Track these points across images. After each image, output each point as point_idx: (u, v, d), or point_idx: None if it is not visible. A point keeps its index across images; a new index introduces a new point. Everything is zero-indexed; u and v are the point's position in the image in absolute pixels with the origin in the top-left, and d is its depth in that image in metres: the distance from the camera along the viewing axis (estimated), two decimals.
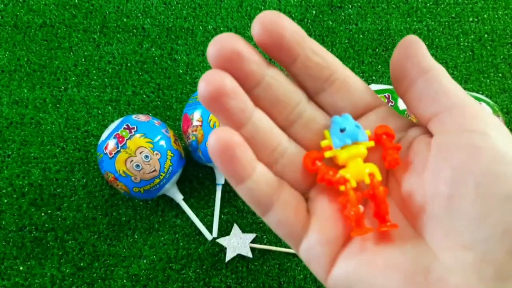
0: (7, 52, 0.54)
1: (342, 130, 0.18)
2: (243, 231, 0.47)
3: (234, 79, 0.17)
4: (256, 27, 0.17)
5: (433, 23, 0.57)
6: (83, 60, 0.54)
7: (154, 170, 0.43)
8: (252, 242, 0.47)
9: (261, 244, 0.47)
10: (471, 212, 0.16)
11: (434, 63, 0.18)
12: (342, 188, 0.19)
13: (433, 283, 0.16)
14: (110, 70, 0.54)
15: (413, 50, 0.18)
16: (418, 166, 0.18)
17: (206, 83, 0.17)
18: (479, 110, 0.17)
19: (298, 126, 0.19)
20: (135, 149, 0.43)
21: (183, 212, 0.48)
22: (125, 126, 0.44)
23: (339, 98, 0.19)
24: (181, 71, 0.54)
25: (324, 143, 0.19)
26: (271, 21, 0.17)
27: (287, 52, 0.18)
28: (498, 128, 0.17)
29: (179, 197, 0.47)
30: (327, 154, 0.19)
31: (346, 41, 0.56)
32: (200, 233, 0.48)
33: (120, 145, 0.43)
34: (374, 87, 0.47)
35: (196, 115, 0.45)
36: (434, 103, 0.18)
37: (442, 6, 0.57)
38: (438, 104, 0.18)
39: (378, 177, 0.19)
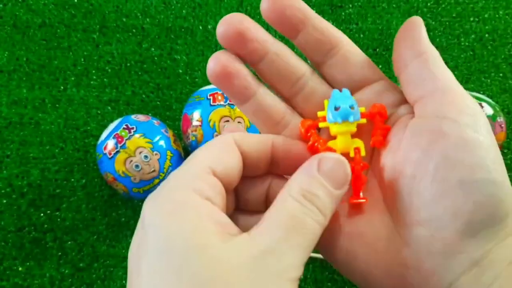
0: (6, 52, 0.54)
1: (336, 108, 0.20)
2: None
3: (240, 55, 0.20)
4: (262, 6, 0.20)
5: (434, 22, 0.56)
6: (82, 60, 0.54)
7: (154, 171, 0.43)
8: None
9: None
10: (428, 193, 0.17)
11: (427, 47, 0.19)
12: None
13: (390, 251, 0.18)
14: (109, 70, 0.54)
15: (409, 33, 0.19)
16: (394, 146, 0.20)
17: (214, 63, 0.19)
18: (459, 97, 0.18)
19: (299, 98, 0.21)
20: (134, 149, 0.43)
21: None
22: (125, 126, 0.44)
23: (337, 71, 0.21)
24: (180, 71, 0.54)
25: (320, 113, 0.21)
26: (275, 0, 0.19)
27: (289, 28, 0.20)
28: (473, 116, 0.18)
29: None
30: (321, 124, 0.21)
31: None
32: None
33: (119, 145, 0.43)
34: None
35: (196, 115, 0.45)
36: (420, 86, 0.19)
37: (443, 5, 0.57)
38: (423, 88, 0.19)
39: (362, 152, 0.20)
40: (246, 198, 0.21)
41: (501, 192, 0.17)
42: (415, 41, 0.19)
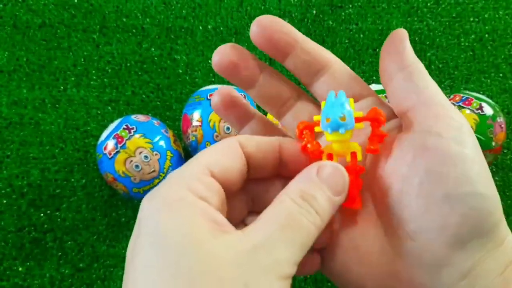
0: (6, 52, 0.54)
1: (327, 119, 0.19)
2: None
3: (233, 81, 0.22)
4: (252, 31, 0.20)
5: (433, 23, 0.56)
6: (82, 60, 0.54)
7: (154, 171, 0.43)
8: None
9: None
10: (414, 206, 0.18)
11: (412, 60, 0.19)
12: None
13: (383, 264, 0.19)
14: (109, 70, 0.54)
15: (394, 46, 0.20)
16: (383, 159, 0.20)
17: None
18: (444, 110, 0.18)
19: (286, 119, 0.23)
20: (134, 150, 0.42)
21: None
22: (125, 126, 0.44)
23: (326, 90, 0.21)
24: (180, 71, 0.54)
25: (316, 117, 0.21)
26: (264, 26, 0.20)
27: (278, 51, 0.21)
28: (458, 129, 0.18)
29: None
30: (317, 129, 0.21)
31: (346, 41, 0.56)
32: None
33: (119, 145, 0.43)
34: (374, 87, 0.47)
35: (196, 116, 0.45)
36: (405, 100, 0.19)
37: (443, 6, 0.57)
38: (408, 102, 0.19)
39: (359, 157, 0.20)
40: (263, 200, 0.21)
41: (487, 204, 0.17)
42: (399, 54, 0.19)
